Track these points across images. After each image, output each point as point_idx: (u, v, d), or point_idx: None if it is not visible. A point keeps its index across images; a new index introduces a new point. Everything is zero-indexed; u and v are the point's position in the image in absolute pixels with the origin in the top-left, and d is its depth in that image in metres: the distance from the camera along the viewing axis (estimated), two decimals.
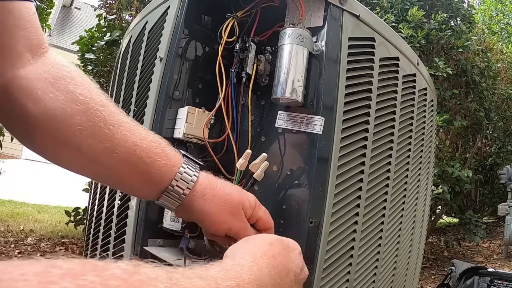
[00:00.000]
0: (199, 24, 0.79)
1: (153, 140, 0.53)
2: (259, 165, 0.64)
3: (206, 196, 0.53)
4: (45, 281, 0.21)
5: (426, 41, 2.56)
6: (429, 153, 1.05)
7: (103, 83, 2.74)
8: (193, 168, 0.54)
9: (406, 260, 0.94)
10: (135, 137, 0.51)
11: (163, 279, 0.27)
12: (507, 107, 3.97)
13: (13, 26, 0.47)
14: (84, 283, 0.22)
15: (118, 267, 0.25)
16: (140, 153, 0.50)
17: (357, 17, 0.72)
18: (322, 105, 0.66)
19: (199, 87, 0.79)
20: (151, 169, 0.51)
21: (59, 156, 0.51)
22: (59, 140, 0.49)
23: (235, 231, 0.54)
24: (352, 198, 0.69)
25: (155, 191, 0.53)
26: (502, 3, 8.60)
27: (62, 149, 0.50)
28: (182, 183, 0.53)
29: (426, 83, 0.98)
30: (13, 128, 0.50)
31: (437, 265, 3.36)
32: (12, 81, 0.48)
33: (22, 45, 0.48)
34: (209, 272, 0.33)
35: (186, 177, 0.53)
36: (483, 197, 4.57)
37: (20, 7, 0.48)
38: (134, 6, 2.51)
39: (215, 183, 0.55)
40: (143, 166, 0.51)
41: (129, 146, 0.50)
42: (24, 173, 7.68)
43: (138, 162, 0.50)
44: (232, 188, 0.57)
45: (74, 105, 0.48)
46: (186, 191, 0.53)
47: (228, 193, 0.55)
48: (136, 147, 0.50)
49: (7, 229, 3.52)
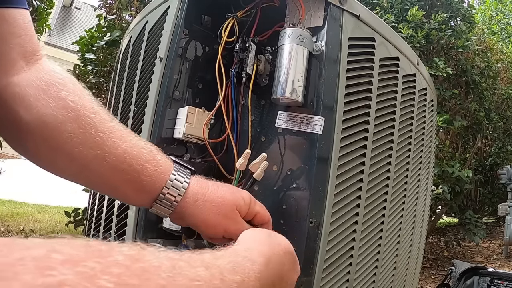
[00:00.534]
0: (199, 24, 0.79)
1: (144, 147, 0.53)
2: (259, 165, 0.64)
3: (198, 202, 0.53)
4: (43, 267, 0.20)
5: (426, 41, 2.56)
6: (429, 153, 1.05)
7: (103, 83, 2.74)
8: (184, 174, 0.54)
9: (406, 260, 0.94)
10: (125, 144, 0.51)
11: (166, 268, 0.26)
12: (507, 107, 3.97)
13: (7, 33, 0.48)
14: (84, 270, 0.21)
15: (121, 253, 0.24)
16: (131, 160, 0.50)
17: (357, 17, 0.72)
18: (322, 105, 0.66)
19: (199, 87, 0.79)
20: (141, 176, 0.51)
21: (52, 163, 0.51)
22: (51, 147, 0.49)
23: (231, 233, 0.54)
24: (352, 198, 0.69)
25: (147, 199, 0.53)
26: (502, 3, 8.60)
27: (54, 156, 0.50)
28: (173, 190, 0.52)
29: (426, 83, 0.98)
30: (7, 135, 0.51)
31: (437, 265, 3.36)
32: (5, 88, 0.48)
33: (16, 53, 0.49)
34: (217, 262, 0.33)
35: (176, 184, 0.52)
36: (483, 197, 4.57)
37: (15, 15, 0.48)
38: (134, 6, 2.51)
39: (206, 187, 0.55)
40: (133, 173, 0.50)
41: (119, 154, 0.50)
42: (24, 173, 7.68)
43: (129, 169, 0.50)
44: (225, 189, 0.56)
45: (65, 112, 0.48)
46: (178, 198, 0.52)
47: (220, 196, 0.54)
48: (127, 154, 0.50)
49: (7, 229, 3.52)
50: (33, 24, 0.51)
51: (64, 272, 0.20)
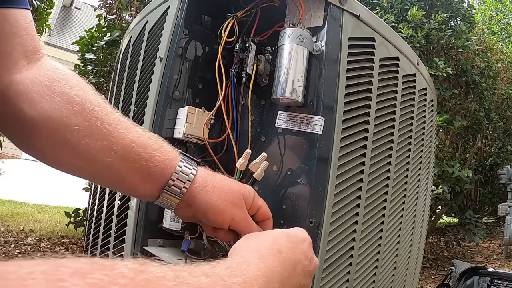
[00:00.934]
0: (199, 24, 0.79)
1: (150, 137, 0.53)
2: (259, 164, 0.64)
3: (207, 188, 0.54)
4: (54, 279, 0.21)
5: (426, 41, 2.56)
6: (429, 153, 1.05)
7: (103, 83, 2.74)
8: (191, 163, 0.55)
9: (406, 260, 0.94)
10: (132, 134, 0.51)
11: (170, 277, 0.27)
12: (507, 107, 3.98)
13: (9, 33, 0.48)
14: (94, 281, 0.22)
15: (125, 266, 0.25)
16: (138, 149, 0.51)
17: (357, 17, 0.72)
18: (322, 105, 0.66)
19: (199, 87, 0.79)
20: (150, 164, 0.51)
21: (57, 158, 0.51)
22: (57, 141, 0.49)
23: (237, 221, 0.54)
24: (352, 198, 0.69)
25: (155, 188, 0.53)
26: (502, 3, 8.60)
27: (59, 150, 0.50)
28: (182, 176, 0.53)
29: (426, 83, 0.98)
30: (11, 133, 0.51)
31: (437, 265, 3.36)
32: (8, 87, 0.48)
33: (18, 52, 0.49)
34: (216, 270, 0.33)
35: (185, 170, 0.53)
36: (483, 197, 4.57)
37: (16, 15, 0.49)
38: (134, 6, 2.52)
39: (213, 175, 0.56)
40: (142, 161, 0.51)
41: (126, 144, 0.50)
42: (24, 173, 7.68)
43: (137, 158, 0.50)
44: (231, 180, 0.57)
45: (70, 106, 0.49)
46: (187, 184, 0.53)
47: (227, 184, 0.55)
48: (134, 144, 0.51)
49: (7, 229, 3.52)
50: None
51: (75, 283, 0.21)
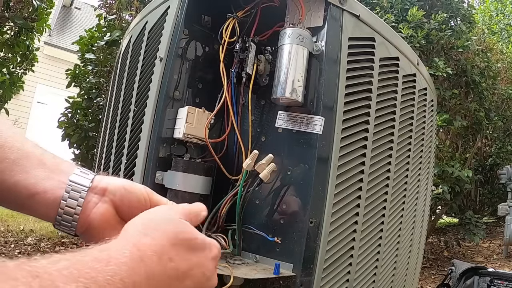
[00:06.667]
0: (199, 24, 0.79)
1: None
2: (265, 165, 0.64)
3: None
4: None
5: (426, 41, 2.56)
6: (429, 153, 1.05)
7: (103, 83, 2.74)
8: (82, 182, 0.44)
9: (406, 260, 0.94)
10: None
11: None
12: (507, 107, 3.97)
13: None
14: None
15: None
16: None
17: (357, 17, 0.72)
18: (322, 105, 0.66)
19: (199, 87, 0.79)
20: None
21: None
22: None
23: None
24: (352, 198, 0.69)
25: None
26: (502, 3, 8.60)
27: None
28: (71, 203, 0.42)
29: (426, 83, 0.98)
30: None
31: (437, 265, 3.36)
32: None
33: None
34: (56, 266, 0.26)
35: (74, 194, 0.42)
36: (483, 197, 4.57)
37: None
38: (134, 6, 2.51)
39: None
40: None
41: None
42: None
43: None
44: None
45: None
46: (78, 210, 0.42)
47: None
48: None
49: (7, 229, 3.52)
50: (33, 24, 0.49)
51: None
